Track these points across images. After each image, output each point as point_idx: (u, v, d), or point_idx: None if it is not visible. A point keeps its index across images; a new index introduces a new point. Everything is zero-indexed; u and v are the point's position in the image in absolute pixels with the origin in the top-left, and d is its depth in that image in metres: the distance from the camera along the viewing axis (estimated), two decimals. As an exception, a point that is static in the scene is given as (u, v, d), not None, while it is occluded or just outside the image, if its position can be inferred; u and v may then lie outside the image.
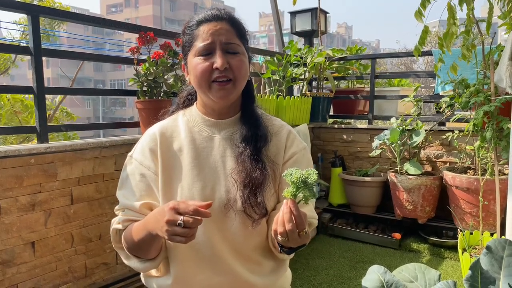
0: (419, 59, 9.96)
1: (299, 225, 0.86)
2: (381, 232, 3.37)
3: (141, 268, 1.09)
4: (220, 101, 1.08)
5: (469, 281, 0.74)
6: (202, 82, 1.05)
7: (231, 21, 1.08)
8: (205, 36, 1.05)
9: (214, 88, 1.05)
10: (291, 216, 0.86)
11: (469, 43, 2.39)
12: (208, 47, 1.04)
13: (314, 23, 4.14)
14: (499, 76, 2.12)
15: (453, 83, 2.78)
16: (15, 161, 1.76)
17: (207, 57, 1.05)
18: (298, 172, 0.85)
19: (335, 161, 3.68)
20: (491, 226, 2.71)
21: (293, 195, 0.85)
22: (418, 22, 2.21)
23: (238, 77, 1.06)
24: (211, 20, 1.07)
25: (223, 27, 1.06)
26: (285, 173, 0.86)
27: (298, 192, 0.85)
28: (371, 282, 0.79)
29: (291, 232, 0.86)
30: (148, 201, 1.08)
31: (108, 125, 2.49)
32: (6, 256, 1.75)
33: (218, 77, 1.03)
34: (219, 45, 1.04)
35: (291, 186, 0.85)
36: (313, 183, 0.84)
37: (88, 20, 2.28)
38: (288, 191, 0.85)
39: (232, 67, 1.04)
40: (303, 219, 0.87)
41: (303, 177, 0.84)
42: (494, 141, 2.46)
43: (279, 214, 0.89)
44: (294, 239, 0.88)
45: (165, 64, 2.22)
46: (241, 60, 1.07)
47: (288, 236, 0.87)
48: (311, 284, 2.61)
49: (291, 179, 0.85)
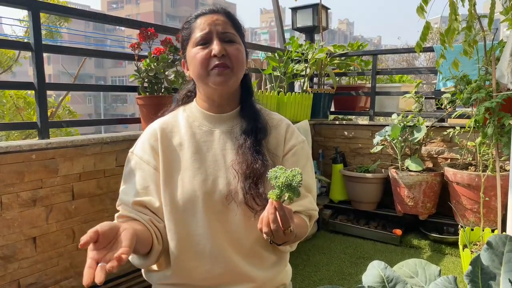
0: (421, 55, 9.93)
1: (284, 223, 0.89)
2: (382, 228, 3.37)
3: (140, 264, 1.10)
4: (219, 88, 1.09)
5: (470, 276, 0.74)
6: (201, 71, 1.08)
7: (227, 14, 1.13)
8: (202, 26, 1.09)
9: (213, 74, 1.07)
10: (275, 216, 0.88)
11: (470, 39, 2.38)
12: (205, 37, 1.08)
13: (315, 19, 4.13)
14: (500, 72, 2.11)
15: (455, 79, 2.77)
16: (16, 156, 1.76)
17: (205, 46, 1.08)
18: (283, 174, 0.86)
19: (336, 158, 3.68)
20: (492, 222, 2.71)
21: (278, 197, 0.87)
22: (420, 18, 2.20)
23: (236, 64, 1.09)
24: (208, 13, 1.12)
25: (220, 18, 1.10)
26: (270, 175, 0.88)
27: (283, 193, 0.87)
28: (371, 278, 0.79)
29: (275, 231, 0.89)
30: (141, 199, 1.09)
31: (108, 121, 2.49)
32: (8, 252, 1.75)
33: (216, 64, 1.06)
34: (216, 34, 1.08)
35: (276, 188, 0.87)
36: (298, 185, 0.86)
37: (89, 16, 2.28)
38: (274, 193, 0.87)
39: (229, 55, 1.07)
40: (288, 218, 0.90)
41: (288, 180, 0.85)
42: (495, 137, 2.46)
43: (264, 213, 0.91)
44: (280, 237, 0.91)
45: (166, 60, 2.22)
46: (237, 48, 1.10)
47: (274, 234, 0.90)
48: (311, 280, 2.61)
49: (276, 182, 0.86)
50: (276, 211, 0.88)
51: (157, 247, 1.08)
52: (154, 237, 1.06)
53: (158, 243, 1.08)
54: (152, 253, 1.07)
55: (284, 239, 0.94)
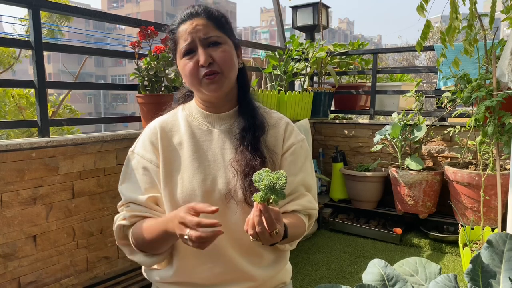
0: (421, 54, 9.93)
1: (269, 226, 0.89)
2: (382, 227, 3.37)
3: (149, 262, 1.10)
4: (214, 94, 1.09)
5: (470, 274, 0.74)
6: (193, 81, 1.08)
7: (207, 15, 1.09)
8: (185, 36, 1.08)
9: (205, 83, 1.07)
10: (260, 219, 0.88)
11: (471, 38, 2.38)
12: (189, 47, 1.07)
13: (315, 18, 4.13)
14: (501, 71, 2.11)
15: (455, 78, 2.77)
16: (17, 155, 1.76)
17: (191, 56, 1.07)
18: (267, 177, 0.86)
19: (336, 156, 3.68)
20: (492, 221, 2.71)
21: (262, 199, 0.87)
22: (420, 16, 2.20)
23: (224, 68, 1.07)
24: (187, 19, 1.09)
25: (200, 23, 1.08)
26: (254, 177, 0.88)
27: (267, 196, 0.87)
28: (371, 276, 0.79)
29: (261, 233, 0.89)
30: (154, 195, 1.09)
31: (109, 119, 2.49)
32: (8, 250, 1.75)
33: (205, 73, 1.06)
34: (199, 41, 1.07)
35: (260, 190, 0.87)
36: (281, 188, 0.86)
37: (89, 14, 2.28)
38: (258, 195, 0.87)
39: (216, 60, 1.06)
40: (274, 220, 0.89)
41: (271, 183, 0.85)
42: (495, 136, 2.45)
43: (250, 215, 0.91)
44: (266, 239, 0.91)
45: (166, 58, 2.22)
46: (223, 50, 1.08)
47: (259, 237, 0.90)
48: (312, 279, 2.61)
49: (259, 185, 0.86)
50: (261, 214, 0.88)
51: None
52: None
53: None
54: (167, 251, 1.08)
55: (271, 241, 0.93)
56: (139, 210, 1.08)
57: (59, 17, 7.42)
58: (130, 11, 52.51)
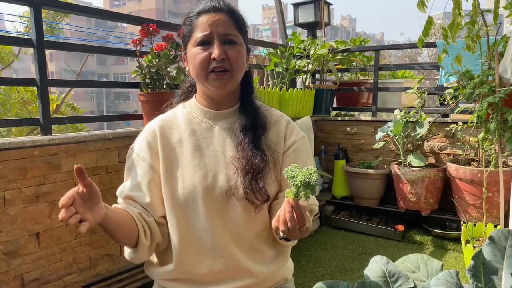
0: (423, 51, 9.89)
1: (300, 221, 0.90)
2: (384, 224, 3.37)
3: (130, 256, 1.10)
4: (217, 91, 1.10)
5: (472, 271, 0.74)
6: (200, 72, 1.08)
7: (230, 13, 1.10)
8: (203, 27, 1.07)
9: (211, 78, 1.07)
10: (292, 215, 0.89)
11: (474, 34, 2.37)
12: (206, 38, 1.07)
13: (317, 15, 4.11)
14: (503, 67, 2.11)
15: (457, 74, 2.76)
16: (19, 153, 1.76)
17: (205, 47, 1.07)
18: (300, 173, 0.86)
19: (338, 154, 3.67)
20: (494, 218, 2.70)
21: (295, 196, 0.87)
22: (421, 12, 2.19)
23: (235, 67, 1.08)
24: (210, 11, 1.09)
25: (222, 18, 1.08)
26: (286, 174, 0.87)
27: (300, 192, 0.87)
28: (373, 272, 0.79)
29: (292, 229, 0.90)
30: (132, 194, 1.11)
31: (111, 117, 2.50)
32: (11, 247, 1.76)
33: (215, 67, 1.06)
34: (217, 36, 1.07)
35: (293, 187, 0.87)
36: (315, 183, 0.86)
37: (91, 12, 2.28)
38: (291, 191, 0.87)
39: (229, 58, 1.07)
40: (304, 216, 0.90)
41: (306, 179, 0.85)
42: (498, 133, 2.45)
43: (280, 211, 0.92)
44: (296, 234, 0.93)
45: (168, 56, 2.22)
46: (238, 51, 1.09)
47: (290, 232, 0.91)
48: (314, 276, 2.62)
49: (294, 181, 0.86)
50: (293, 210, 0.89)
51: (144, 240, 1.07)
52: (141, 230, 1.07)
53: (146, 237, 1.08)
54: (139, 246, 1.07)
55: (300, 236, 0.96)
56: (121, 203, 1.12)
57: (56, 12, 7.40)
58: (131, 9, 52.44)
